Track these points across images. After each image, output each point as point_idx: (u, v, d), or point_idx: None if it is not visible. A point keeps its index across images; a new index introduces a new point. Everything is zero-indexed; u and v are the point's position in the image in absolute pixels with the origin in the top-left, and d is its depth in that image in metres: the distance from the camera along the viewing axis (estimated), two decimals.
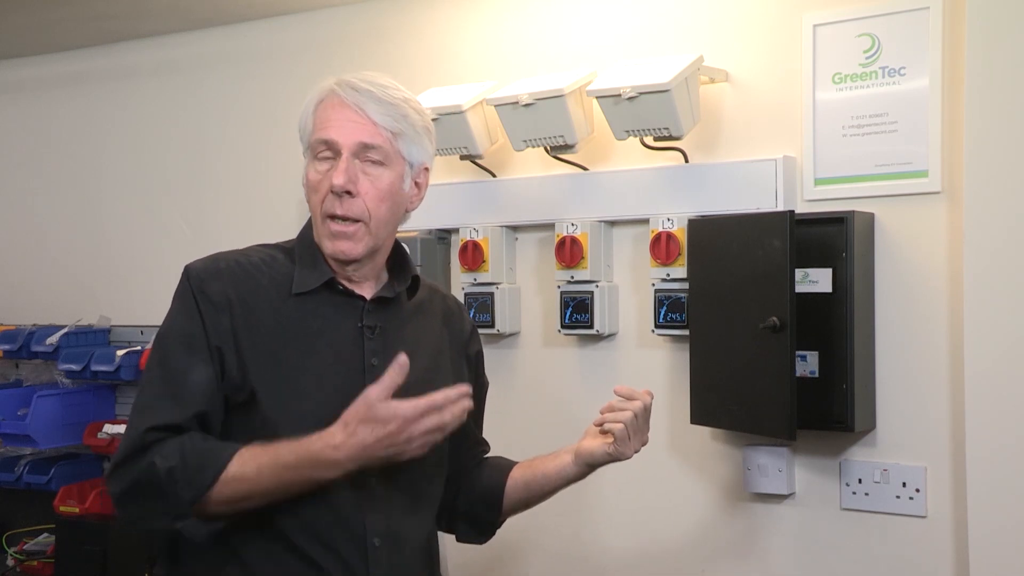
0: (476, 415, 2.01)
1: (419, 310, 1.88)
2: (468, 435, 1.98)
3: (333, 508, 1.70)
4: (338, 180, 1.70)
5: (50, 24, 3.27)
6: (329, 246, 1.75)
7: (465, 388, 1.66)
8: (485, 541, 2.03)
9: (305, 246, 1.79)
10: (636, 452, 1.92)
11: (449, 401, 1.63)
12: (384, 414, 1.59)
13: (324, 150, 1.73)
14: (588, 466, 1.93)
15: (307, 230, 1.81)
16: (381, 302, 1.81)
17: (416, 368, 1.82)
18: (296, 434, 1.68)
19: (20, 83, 3.74)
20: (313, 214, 1.77)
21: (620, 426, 1.88)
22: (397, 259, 1.86)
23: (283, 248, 1.82)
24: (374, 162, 1.73)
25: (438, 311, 1.93)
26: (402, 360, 1.62)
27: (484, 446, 2.06)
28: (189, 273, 1.75)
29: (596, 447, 1.91)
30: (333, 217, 1.73)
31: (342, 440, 1.60)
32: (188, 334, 1.70)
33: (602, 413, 1.92)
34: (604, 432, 1.91)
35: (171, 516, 1.63)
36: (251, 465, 1.63)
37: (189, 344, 1.70)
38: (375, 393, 1.60)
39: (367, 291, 1.81)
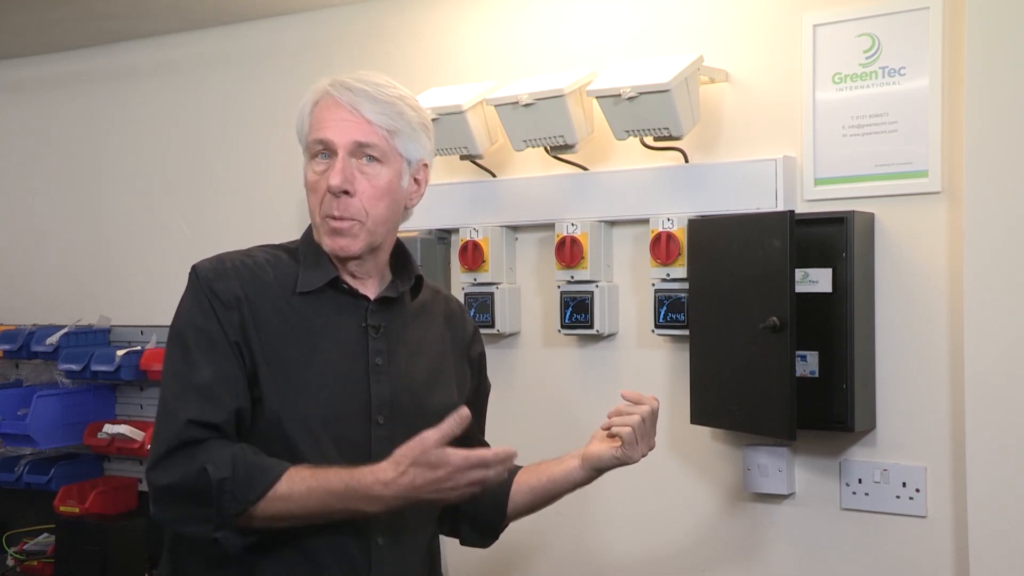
0: (478, 418, 2.01)
1: (422, 311, 1.89)
2: (470, 438, 1.98)
3: None
4: (334, 181, 1.71)
5: (50, 24, 3.27)
6: (328, 243, 1.76)
7: (513, 450, 1.66)
8: (489, 545, 2.03)
9: (309, 245, 1.80)
10: (643, 456, 1.93)
11: (498, 460, 1.64)
12: (436, 459, 1.60)
13: (321, 150, 1.74)
14: (595, 470, 1.93)
15: (311, 230, 1.81)
16: (385, 302, 1.81)
17: (418, 369, 1.82)
18: (300, 432, 1.69)
19: (20, 83, 3.74)
20: (312, 214, 1.78)
21: (628, 430, 1.89)
22: (400, 259, 1.87)
23: (287, 248, 1.83)
24: (371, 160, 1.73)
25: (440, 312, 1.93)
26: (464, 413, 1.63)
27: None
28: (198, 272, 1.75)
29: (604, 451, 1.91)
30: (332, 217, 1.73)
31: (393, 478, 1.61)
32: (207, 331, 1.70)
33: (609, 417, 1.93)
34: (611, 436, 1.91)
35: (212, 525, 1.63)
36: (300, 487, 1.63)
37: (210, 341, 1.70)
38: (433, 438, 1.60)
39: (371, 291, 1.81)
